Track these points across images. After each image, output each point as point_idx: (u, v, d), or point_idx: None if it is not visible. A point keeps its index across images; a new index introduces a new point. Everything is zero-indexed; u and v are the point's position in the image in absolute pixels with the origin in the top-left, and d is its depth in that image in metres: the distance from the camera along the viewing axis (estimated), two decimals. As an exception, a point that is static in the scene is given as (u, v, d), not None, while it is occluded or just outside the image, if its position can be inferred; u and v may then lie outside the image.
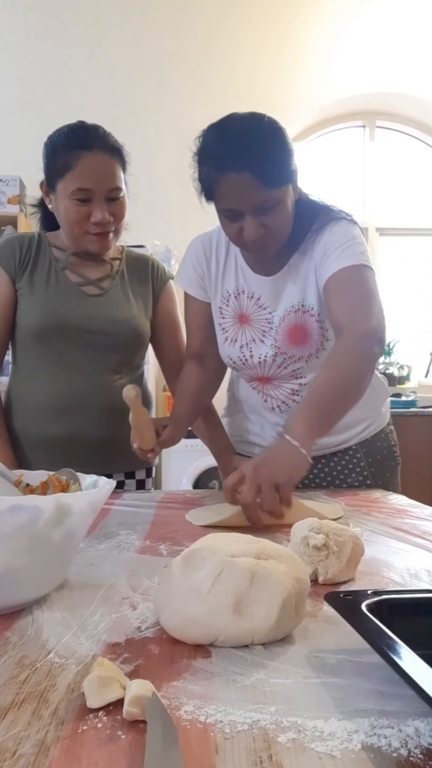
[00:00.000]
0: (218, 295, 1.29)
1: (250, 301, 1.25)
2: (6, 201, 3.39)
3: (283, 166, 1.06)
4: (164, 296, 1.44)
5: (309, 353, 1.24)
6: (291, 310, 1.22)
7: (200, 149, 1.10)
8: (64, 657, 0.47)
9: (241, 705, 0.40)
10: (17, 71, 3.65)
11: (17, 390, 1.35)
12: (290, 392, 1.29)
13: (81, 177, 1.21)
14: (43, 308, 1.28)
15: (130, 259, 1.44)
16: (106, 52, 3.69)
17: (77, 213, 1.24)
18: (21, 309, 1.31)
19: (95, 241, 1.28)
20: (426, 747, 0.35)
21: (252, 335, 1.26)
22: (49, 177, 1.27)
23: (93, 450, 1.31)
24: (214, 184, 1.08)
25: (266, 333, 1.24)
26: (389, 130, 4.19)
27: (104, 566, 0.71)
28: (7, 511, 0.51)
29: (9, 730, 0.37)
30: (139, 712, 0.38)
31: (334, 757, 0.34)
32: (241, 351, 1.27)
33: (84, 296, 1.32)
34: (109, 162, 1.24)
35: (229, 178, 1.04)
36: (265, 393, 1.31)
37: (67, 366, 1.30)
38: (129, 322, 1.34)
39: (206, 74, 3.73)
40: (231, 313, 1.28)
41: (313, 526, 0.70)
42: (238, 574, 0.50)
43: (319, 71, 3.81)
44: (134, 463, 1.41)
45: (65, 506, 0.55)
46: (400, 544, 0.84)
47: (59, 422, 1.29)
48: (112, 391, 1.33)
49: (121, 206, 1.28)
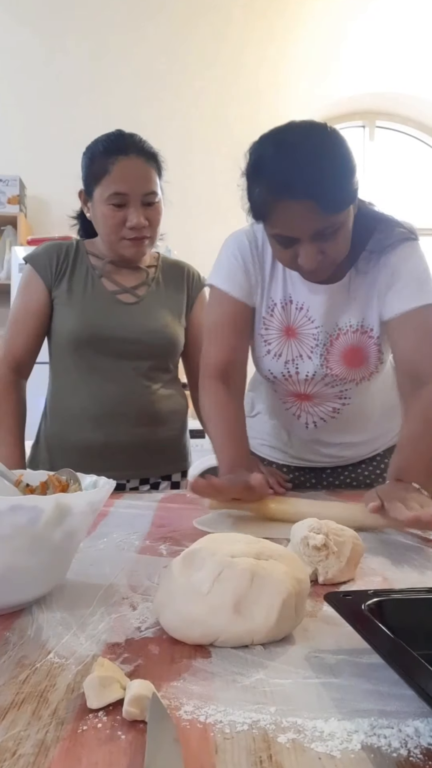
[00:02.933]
0: (263, 303, 1.16)
1: (299, 313, 1.14)
2: (6, 201, 3.39)
3: (348, 188, 0.94)
4: (198, 304, 1.44)
5: (362, 376, 1.17)
6: (349, 330, 1.13)
7: (254, 166, 0.97)
8: (64, 657, 0.47)
9: (240, 705, 0.40)
10: (17, 72, 3.65)
11: (56, 397, 1.36)
12: (331, 410, 1.22)
13: (117, 181, 1.23)
14: (80, 317, 1.29)
15: (166, 266, 1.44)
16: (106, 52, 3.69)
17: (113, 218, 1.24)
18: (58, 317, 1.32)
19: (131, 247, 1.28)
20: (426, 747, 0.35)
21: (299, 350, 1.16)
22: (87, 184, 1.28)
23: (129, 455, 1.32)
24: (268, 208, 0.96)
25: (314, 349, 1.15)
26: (389, 130, 4.20)
27: (104, 566, 0.71)
28: (7, 511, 0.51)
29: (9, 730, 0.37)
30: (139, 712, 0.38)
31: (334, 758, 0.34)
32: (286, 367, 1.17)
33: (119, 305, 1.33)
34: (144, 167, 1.25)
35: (288, 205, 0.93)
36: (301, 409, 1.24)
37: (102, 374, 1.31)
38: (163, 331, 1.34)
39: (207, 75, 3.73)
40: (276, 324, 1.16)
41: (313, 527, 0.70)
42: (237, 574, 0.50)
43: (319, 71, 3.81)
44: (170, 468, 1.42)
45: (65, 506, 0.55)
46: (400, 543, 0.84)
47: (95, 429, 1.30)
48: (146, 397, 1.34)
49: (156, 211, 1.28)
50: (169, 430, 1.40)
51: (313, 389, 1.20)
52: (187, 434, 1.49)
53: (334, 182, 0.92)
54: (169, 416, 1.39)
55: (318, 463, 1.35)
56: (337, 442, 1.31)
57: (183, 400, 1.46)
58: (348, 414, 1.24)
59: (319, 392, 1.20)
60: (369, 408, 1.27)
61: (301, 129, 0.96)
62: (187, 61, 3.72)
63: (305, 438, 1.31)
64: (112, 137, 1.27)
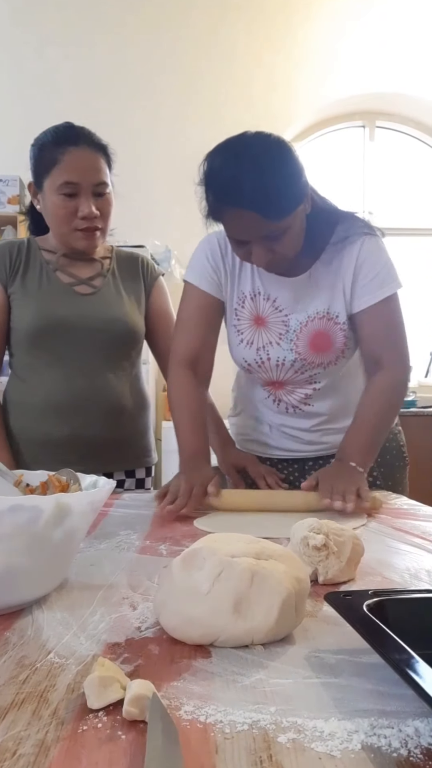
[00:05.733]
0: (234, 296, 1.26)
1: (267, 303, 1.23)
2: (6, 201, 3.39)
3: (290, 194, 1.02)
4: (156, 291, 1.45)
5: (329, 360, 1.24)
6: (315, 317, 1.21)
7: (206, 175, 1.06)
8: (64, 657, 0.47)
9: (241, 705, 0.40)
10: (18, 73, 3.65)
11: (15, 392, 1.35)
12: (303, 397, 1.29)
13: (67, 170, 1.23)
14: (37, 310, 1.29)
15: (120, 257, 1.44)
16: (104, 51, 3.69)
17: (64, 208, 1.25)
18: (15, 313, 1.32)
19: (82, 239, 1.29)
20: (426, 747, 0.35)
21: (269, 338, 1.24)
22: (37, 175, 1.28)
23: (93, 449, 1.31)
24: (218, 214, 1.07)
25: (283, 336, 1.23)
26: (389, 130, 4.20)
27: (104, 566, 0.71)
28: (7, 511, 0.51)
29: (9, 730, 0.37)
30: (139, 712, 0.38)
31: (334, 757, 0.34)
32: (258, 354, 1.25)
33: (77, 296, 1.33)
34: (94, 157, 1.26)
35: (234, 212, 1.03)
36: (276, 397, 1.31)
37: (63, 366, 1.30)
38: (122, 319, 1.34)
39: (206, 75, 3.73)
40: (247, 315, 1.26)
41: (313, 527, 0.70)
42: (237, 574, 0.50)
43: (319, 71, 3.81)
44: (134, 462, 1.41)
45: (65, 506, 0.55)
46: (400, 544, 0.84)
47: (59, 422, 1.30)
48: (110, 389, 1.33)
49: (106, 203, 1.28)
50: (133, 424, 1.40)
51: (284, 376, 1.27)
52: (152, 430, 1.49)
53: (276, 191, 0.99)
54: (132, 410, 1.39)
55: (300, 452, 1.38)
56: (315, 428, 1.34)
57: (145, 395, 1.46)
58: (320, 399, 1.30)
59: (290, 379, 1.27)
60: (342, 396, 1.31)
61: (247, 140, 1.04)
62: (185, 61, 3.72)
63: (283, 425, 1.35)
64: (61, 128, 1.28)
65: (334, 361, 1.25)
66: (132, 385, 1.40)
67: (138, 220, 3.03)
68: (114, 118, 3.46)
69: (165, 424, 3.07)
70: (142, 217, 3.28)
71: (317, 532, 0.68)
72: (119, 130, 1.35)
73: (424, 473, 3.20)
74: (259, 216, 1.00)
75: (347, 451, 1.14)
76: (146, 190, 3.41)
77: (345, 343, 1.22)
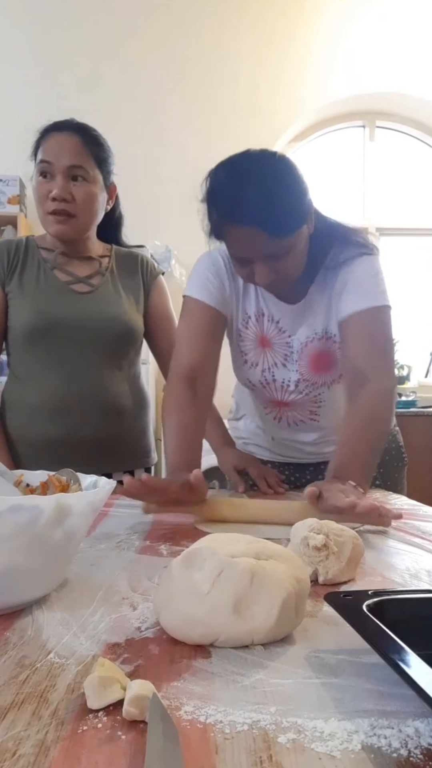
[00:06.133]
0: (239, 316, 1.23)
1: (271, 324, 1.21)
2: (6, 201, 3.39)
3: (295, 213, 1.00)
4: (155, 290, 1.44)
5: (332, 379, 1.24)
6: (315, 337, 1.20)
7: (208, 192, 1.04)
8: (64, 657, 0.47)
9: (241, 705, 0.40)
10: (18, 73, 3.65)
11: (13, 392, 1.35)
12: (309, 413, 1.29)
13: (45, 151, 1.25)
14: (34, 308, 1.28)
15: (119, 256, 1.44)
16: (105, 50, 3.69)
17: (39, 190, 1.26)
18: (12, 312, 1.31)
19: (54, 223, 1.28)
20: (426, 747, 0.35)
21: (274, 359, 1.23)
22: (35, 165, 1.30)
23: (92, 449, 1.31)
24: (222, 232, 1.04)
25: (288, 357, 1.23)
26: (389, 130, 4.20)
27: (104, 566, 0.71)
28: (7, 511, 0.51)
29: (9, 731, 0.37)
30: (139, 712, 0.38)
31: (334, 758, 0.34)
32: (263, 375, 1.25)
33: (74, 294, 1.32)
34: (75, 141, 1.26)
35: (237, 229, 1.00)
36: (280, 413, 1.31)
37: (61, 365, 1.30)
38: (121, 318, 1.34)
39: (206, 75, 3.73)
40: (251, 336, 1.23)
41: (313, 527, 0.70)
42: (238, 574, 0.50)
43: (320, 71, 3.81)
44: (133, 462, 1.41)
45: (65, 506, 0.55)
46: (399, 544, 0.84)
47: (57, 422, 1.29)
48: (108, 389, 1.33)
49: (84, 190, 1.27)
50: (132, 424, 1.39)
51: (289, 397, 1.25)
52: (151, 430, 1.48)
53: (281, 208, 0.97)
54: (132, 410, 1.39)
55: (301, 459, 1.39)
56: (318, 441, 1.35)
57: (145, 394, 1.46)
58: (325, 415, 1.30)
59: (295, 400, 1.26)
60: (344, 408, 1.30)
61: (251, 157, 1.02)
62: (184, 62, 3.72)
63: (287, 438, 1.36)
64: (58, 120, 1.30)
65: (337, 379, 1.24)
66: (131, 384, 1.40)
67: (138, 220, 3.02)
68: (115, 117, 3.46)
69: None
70: (143, 218, 3.29)
71: (317, 533, 0.68)
72: (120, 130, 1.34)
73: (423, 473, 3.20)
74: (264, 233, 0.97)
75: (344, 470, 1.02)
76: (146, 190, 3.41)
77: None
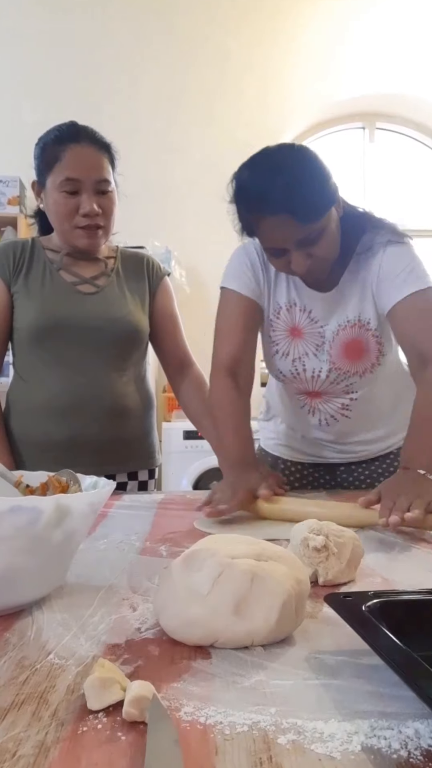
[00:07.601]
0: (270, 307, 1.24)
1: (303, 314, 1.22)
2: (6, 202, 3.39)
3: (321, 196, 1.02)
4: (161, 292, 1.44)
5: (364, 368, 1.22)
6: (347, 325, 1.19)
7: (235, 191, 1.07)
8: (64, 658, 0.47)
9: (241, 706, 0.40)
10: (18, 73, 3.65)
11: (18, 393, 1.35)
12: (340, 407, 1.28)
13: (69, 167, 1.23)
14: (40, 309, 1.28)
15: (125, 257, 1.44)
16: (105, 50, 3.69)
17: (65, 206, 1.25)
18: (18, 312, 1.31)
19: (84, 237, 1.28)
20: (426, 748, 0.35)
21: (305, 349, 1.23)
22: (39, 174, 1.29)
23: (95, 451, 1.30)
24: (253, 226, 1.07)
25: (319, 347, 1.22)
26: (389, 132, 4.20)
27: (104, 567, 0.71)
28: (7, 512, 0.51)
29: (9, 731, 0.37)
30: (139, 713, 0.38)
31: (334, 759, 0.34)
32: (294, 365, 1.24)
33: (80, 295, 1.32)
34: (96, 154, 1.26)
35: (268, 220, 1.02)
36: (312, 407, 1.30)
37: (66, 366, 1.30)
38: (126, 318, 1.34)
39: (206, 76, 3.74)
40: (282, 326, 1.24)
41: (313, 528, 0.70)
42: (238, 575, 0.50)
43: (319, 73, 3.81)
44: (137, 464, 1.41)
45: (65, 507, 0.55)
46: (400, 545, 0.84)
47: (61, 423, 1.29)
48: (114, 390, 1.33)
49: (109, 200, 1.28)
50: (136, 425, 1.39)
51: (321, 386, 1.25)
52: (155, 431, 1.48)
53: (306, 193, 1.00)
54: (136, 411, 1.38)
55: (332, 459, 1.38)
56: (350, 440, 1.34)
57: (150, 396, 1.46)
58: (358, 412, 1.28)
59: (327, 389, 1.26)
60: (377, 405, 1.30)
61: (270, 151, 1.05)
62: (186, 62, 3.72)
63: (318, 437, 1.34)
64: (64, 126, 1.28)
65: (370, 369, 1.23)
66: (136, 385, 1.40)
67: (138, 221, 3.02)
68: (115, 117, 3.46)
69: (165, 426, 3.06)
70: (143, 219, 3.29)
71: (317, 534, 0.68)
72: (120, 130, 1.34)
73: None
74: (294, 219, 0.99)
75: (412, 456, 1.02)
76: (147, 191, 3.41)
77: (379, 349, 1.21)
